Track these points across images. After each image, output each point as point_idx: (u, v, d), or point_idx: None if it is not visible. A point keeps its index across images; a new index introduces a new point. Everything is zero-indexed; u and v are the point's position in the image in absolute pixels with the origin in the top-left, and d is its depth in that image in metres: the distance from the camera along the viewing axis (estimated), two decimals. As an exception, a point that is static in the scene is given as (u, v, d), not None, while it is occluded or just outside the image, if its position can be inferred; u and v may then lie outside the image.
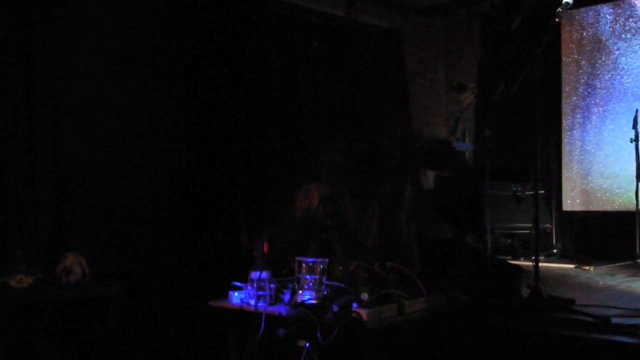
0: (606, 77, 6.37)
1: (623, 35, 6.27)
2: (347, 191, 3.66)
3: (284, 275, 3.36)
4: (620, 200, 6.18)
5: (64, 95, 4.48)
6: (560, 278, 4.93)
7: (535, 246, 3.66)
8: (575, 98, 6.57)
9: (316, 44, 5.84)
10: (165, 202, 4.94)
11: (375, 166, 3.58)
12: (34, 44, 4.33)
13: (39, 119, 4.32)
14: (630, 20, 6.24)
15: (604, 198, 6.32)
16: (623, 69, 6.26)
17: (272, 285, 3.11)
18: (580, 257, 6.02)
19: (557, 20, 3.80)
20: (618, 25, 6.30)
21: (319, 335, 2.74)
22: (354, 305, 2.85)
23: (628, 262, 5.45)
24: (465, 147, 6.95)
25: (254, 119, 5.37)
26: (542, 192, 6.19)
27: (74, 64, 4.55)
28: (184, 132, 5.12)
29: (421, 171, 6.79)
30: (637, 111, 5.60)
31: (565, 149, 6.58)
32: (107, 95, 4.71)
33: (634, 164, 5.49)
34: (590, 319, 3.15)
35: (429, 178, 7.19)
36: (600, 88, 6.40)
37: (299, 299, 3.01)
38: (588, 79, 6.47)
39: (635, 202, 5.47)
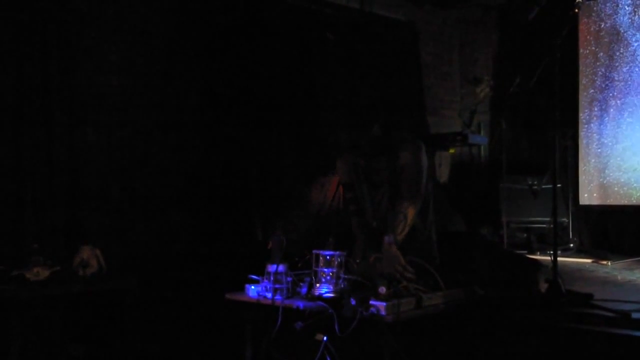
0: (624, 69, 6.29)
1: (642, 27, 6.20)
2: (365, 180, 3.63)
3: (300, 268, 3.35)
4: (638, 194, 6.10)
5: (79, 89, 4.50)
6: (578, 273, 4.89)
7: (554, 240, 3.63)
8: (592, 91, 6.49)
9: (331, 36, 5.82)
10: (181, 195, 4.95)
11: (393, 157, 3.54)
12: (50, 37, 4.34)
13: (55, 111, 4.34)
14: (649, 11, 6.16)
15: (621, 192, 6.24)
16: (642, 61, 6.19)
17: (288, 279, 3.10)
18: (597, 251, 5.97)
19: (576, 10, 3.75)
20: (637, 16, 6.21)
21: (336, 328, 2.73)
22: (372, 298, 2.84)
23: (646, 257, 5.40)
24: (481, 140, 6.90)
25: (269, 113, 5.37)
26: (559, 185, 6.14)
27: (89, 57, 4.56)
28: (199, 126, 5.13)
29: (436, 165, 6.77)
30: (656, 104, 5.54)
31: (582, 142, 6.50)
32: (123, 89, 4.72)
33: (653, 157, 5.43)
34: (609, 314, 3.12)
35: (444, 171, 7.16)
36: (618, 80, 6.31)
37: (316, 292, 3.00)
38: (606, 71, 6.39)
39: (653, 196, 5.42)
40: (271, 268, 3.09)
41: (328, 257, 3.03)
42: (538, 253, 5.78)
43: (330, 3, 6.09)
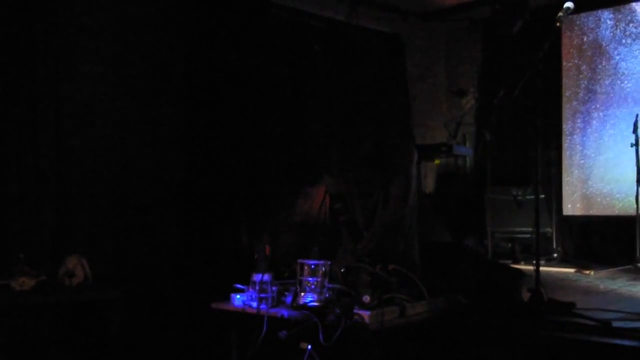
0: (606, 82, 6.39)
1: (623, 40, 6.29)
2: (355, 190, 3.66)
3: (286, 277, 3.37)
4: (620, 205, 6.19)
5: (66, 98, 4.51)
6: (561, 282, 4.93)
7: (537, 250, 3.66)
8: (575, 103, 6.59)
9: (318, 48, 5.87)
10: (167, 205, 4.96)
11: (381, 166, 3.58)
12: (36, 47, 4.36)
13: (42, 122, 4.35)
14: (631, 25, 6.26)
15: (604, 202, 6.33)
16: (623, 73, 6.28)
17: (274, 288, 3.12)
18: (580, 261, 6.03)
19: (557, 24, 3.80)
20: (618, 30, 6.33)
21: (321, 337, 2.75)
22: (356, 307, 2.86)
23: (628, 267, 5.45)
24: (466, 151, 6.96)
25: (255, 123, 5.39)
26: (543, 196, 6.19)
27: (75, 66, 4.58)
28: (186, 135, 5.14)
29: (422, 175, 6.81)
30: (637, 116, 5.61)
31: (565, 153, 6.59)
32: (109, 98, 4.73)
33: (634, 168, 5.50)
34: (591, 322, 3.15)
35: (430, 182, 7.20)
36: (601, 93, 6.41)
37: (301, 301, 3.02)
38: (588, 83, 6.49)
39: (635, 206, 5.48)
40: (257, 277, 3.11)
41: (313, 266, 3.06)
42: (522, 263, 5.82)
43: (317, 16, 6.13)
